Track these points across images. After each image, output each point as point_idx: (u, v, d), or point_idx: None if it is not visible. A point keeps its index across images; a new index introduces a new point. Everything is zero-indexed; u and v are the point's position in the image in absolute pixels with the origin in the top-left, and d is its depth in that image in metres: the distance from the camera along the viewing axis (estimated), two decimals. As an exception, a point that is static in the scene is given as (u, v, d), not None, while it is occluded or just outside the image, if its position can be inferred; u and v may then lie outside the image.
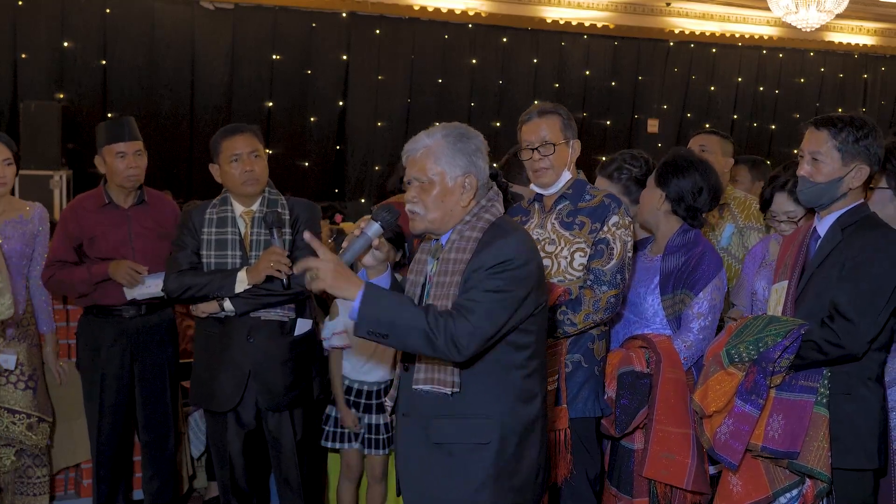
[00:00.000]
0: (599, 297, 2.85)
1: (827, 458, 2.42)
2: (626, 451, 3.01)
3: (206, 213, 3.40)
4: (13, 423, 3.72)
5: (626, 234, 2.92)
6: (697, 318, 2.99)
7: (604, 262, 2.88)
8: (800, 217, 2.94)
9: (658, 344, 2.96)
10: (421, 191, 2.29)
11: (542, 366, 2.35)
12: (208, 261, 3.35)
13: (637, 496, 2.96)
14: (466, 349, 2.13)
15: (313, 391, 3.50)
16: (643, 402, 2.90)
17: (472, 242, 2.25)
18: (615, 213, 2.91)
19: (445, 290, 2.24)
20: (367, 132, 11.02)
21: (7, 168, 3.70)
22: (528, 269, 2.21)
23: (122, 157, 3.67)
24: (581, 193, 2.97)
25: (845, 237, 2.54)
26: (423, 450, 2.30)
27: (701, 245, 3.09)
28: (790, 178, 2.94)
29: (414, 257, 2.49)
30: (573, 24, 11.95)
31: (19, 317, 3.76)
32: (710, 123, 12.75)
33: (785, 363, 2.47)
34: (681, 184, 3.08)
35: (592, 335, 2.94)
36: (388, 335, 2.14)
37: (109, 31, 10.06)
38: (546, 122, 2.98)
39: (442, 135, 2.30)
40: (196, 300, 3.37)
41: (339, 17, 10.97)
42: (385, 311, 2.14)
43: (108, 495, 3.82)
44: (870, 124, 2.55)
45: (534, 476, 2.31)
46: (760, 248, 3.18)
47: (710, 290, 3.00)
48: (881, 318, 2.45)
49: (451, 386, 2.23)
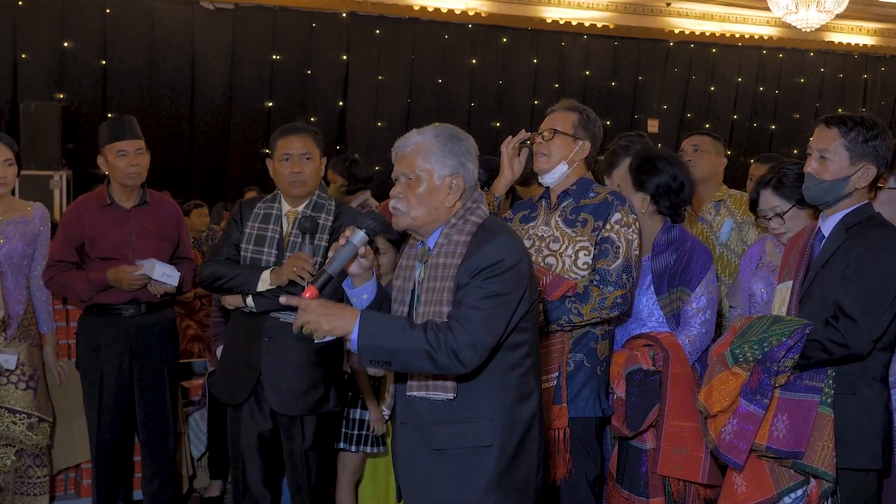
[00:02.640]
0: (606, 296, 2.83)
1: (832, 457, 2.41)
2: (637, 451, 2.98)
3: (256, 208, 3.40)
4: (14, 423, 3.72)
5: (630, 231, 2.89)
6: (698, 314, 3.01)
7: (609, 261, 2.86)
8: (786, 211, 2.92)
9: (663, 340, 2.95)
10: (407, 187, 2.27)
11: (537, 362, 2.34)
12: (245, 254, 3.34)
13: (653, 496, 2.93)
14: (470, 361, 2.11)
15: (329, 402, 3.38)
16: (655, 400, 2.88)
17: (461, 246, 2.22)
18: (618, 211, 2.89)
19: (436, 295, 2.22)
20: (367, 132, 11.03)
21: (8, 168, 3.70)
22: (520, 268, 2.20)
23: (123, 156, 3.67)
24: (585, 191, 2.97)
25: (849, 237, 2.53)
26: (424, 457, 2.28)
27: (689, 240, 3.10)
28: (773, 176, 2.96)
29: (399, 263, 2.45)
30: (573, 24, 11.96)
31: (20, 316, 3.75)
32: (710, 123, 12.77)
33: (789, 363, 2.46)
34: (659, 181, 3.09)
35: (596, 335, 2.93)
36: (390, 362, 2.13)
37: (109, 31, 10.07)
38: (562, 115, 3.02)
39: (433, 134, 2.29)
40: (223, 291, 3.36)
41: (339, 17, 10.97)
42: (384, 338, 2.11)
43: (108, 495, 3.81)
44: (880, 126, 2.54)
45: (535, 472, 2.30)
46: (756, 249, 3.18)
47: (705, 284, 3.02)
48: (885, 317, 2.45)
49: (452, 391, 2.21)
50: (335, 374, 3.45)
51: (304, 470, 3.36)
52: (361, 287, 2.33)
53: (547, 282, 2.85)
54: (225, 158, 10.76)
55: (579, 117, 3.00)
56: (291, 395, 3.30)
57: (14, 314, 3.73)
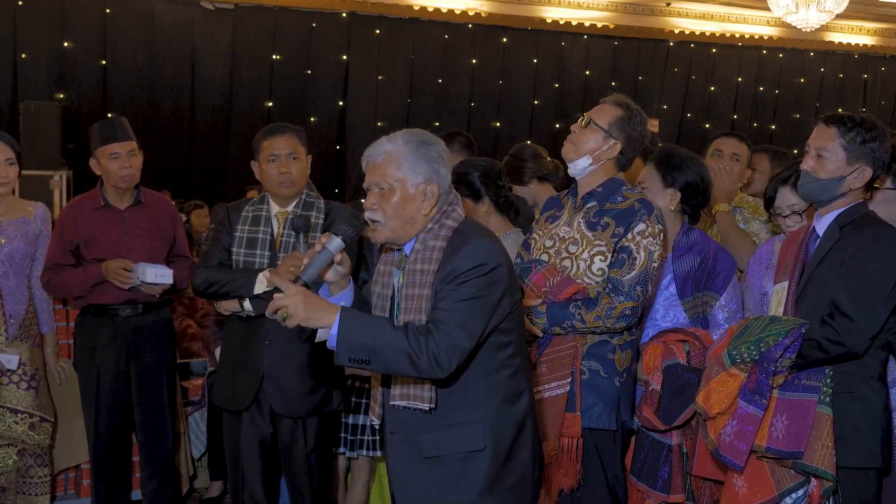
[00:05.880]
0: (615, 306, 2.72)
1: (832, 457, 2.42)
2: (659, 445, 2.88)
3: (244, 211, 3.38)
4: (15, 423, 3.72)
5: (652, 243, 2.74)
6: (730, 316, 2.95)
7: (624, 272, 2.74)
8: (804, 209, 2.92)
9: (703, 338, 2.87)
10: (381, 197, 2.23)
11: (525, 362, 2.31)
12: (237, 258, 3.32)
13: (674, 493, 2.86)
14: (448, 365, 2.08)
15: (332, 402, 3.38)
16: (692, 397, 2.76)
17: (438, 252, 2.19)
18: (642, 221, 2.74)
19: (416, 303, 2.20)
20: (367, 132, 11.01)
21: (9, 168, 3.70)
22: (498, 271, 2.16)
23: (116, 158, 3.67)
24: (611, 194, 2.83)
25: (844, 235, 2.54)
26: (416, 466, 2.26)
27: (712, 244, 3.04)
28: (792, 173, 2.93)
29: (377, 268, 2.42)
30: (573, 24, 11.96)
31: (21, 317, 3.76)
32: (710, 123, 12.78)
33: (787, 363, 2.46)
34: (688, 179, 3.03)
35: (613, 345, 2.80)
36: (369, 361, 2.08)
37: (109, 31, 10.07)
38: (606, 108, 2.87)
39: (403, 140, 2.24)
40: (218, 297, 3.34)
41: (339, 17, 10.97)
42: (365, 336, 2.07)
43: (107, 494, 3.81)
44: (879, 127, 2.55)
45: (530, 473, 2.29)
46: (766, 249, 3.16)
47: (732, 288, 2.98)
48: (881, 315, 2.45)
49: (428, 401, 2.18)
50: (338, 373, 3.45)
51: (305, 472, 3.35)
52: (338, 294, 2.29)
53: (554, 282, 2.77)
54: (225, 158, 10.76)
55: (620, 115, 2.84)
56: (294, 396, 3.29)
57: (15, 314, 3.74)
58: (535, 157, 3.97)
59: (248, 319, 3.32)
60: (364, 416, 3.68)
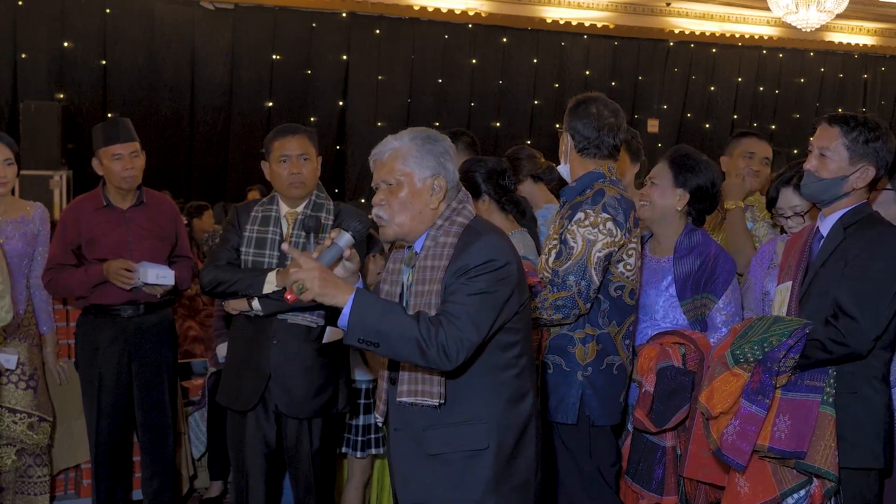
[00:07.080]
0: (547, 297, 2.77)
1: (834, 457, 2.42)
2: (653, 447, 2.92)
3: (253, 211, 3.38)
4: (14, 423, 3.72)
5: (591, 232, 2.78)
6: (728, 320, 2.95)
7: (561, 262, 2.79)
8: (806, 211, 2.92)
9: (699, 341, 2.89)
10: (389, 193, 2.24)
11: (531, 362, 2.32)
12: (246, 258, 3.31)
13: (667, 494, 2.89)
14: (456, 358, 2.09)
15: (338, 403, 3.37)
16: (685, 399, 2.82)
17: (448, 248, 2.20)
18: (582, 210, 2.80)
19: (425, 299, 2.20)
20: (367, 132, 11.01)
21: (8, 168, 3.70)
22: (509, 268, 2.18)
23: (118, 159, 3.66)
24: (581, 189, 2.90)
25: (848, 236, 2.53)
26: (420, 463, 2.26)
27: (713, 246, 3.05)
28: (795, 174, 2.93)
29: (386, 266, 2.42)
30: (573, 24, 11.95)
31: (20, 317, 3.75)
32: (710, 124, 12.79)
33: (790, 363, 2.46)
34: (700, 182, 3.03)
35: (572, 338, 2.83)
36: (378, 343, 2.08)
37: (109, 31, 10.07)
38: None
39: (410, 137, 2.26)
40: (227, 296, 3.33)
41: (339, 17, 10.97)
42: (377, 318, 2.08)
43: (108, 495, 3.81)
44: (883, 127, 2.54)
45: (533, 473, 2.30)
46: (768, 249, 3.15)
47: (731, 291, 2.98)
48: (885, 315, 2.44)
49: (438, 397, 2.19)
50: (344, 373, 3.44)
51: (310, 472, 3.35)
52: None
53: None
54: (225, 158, 10.76)
55: (574, 118, 2.96)
56: (301, 397, 3.28)
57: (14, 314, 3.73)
58: (530, 157, 4.07)
59: (255, 319, 3.31)
60: (367, 416, 3.68)
